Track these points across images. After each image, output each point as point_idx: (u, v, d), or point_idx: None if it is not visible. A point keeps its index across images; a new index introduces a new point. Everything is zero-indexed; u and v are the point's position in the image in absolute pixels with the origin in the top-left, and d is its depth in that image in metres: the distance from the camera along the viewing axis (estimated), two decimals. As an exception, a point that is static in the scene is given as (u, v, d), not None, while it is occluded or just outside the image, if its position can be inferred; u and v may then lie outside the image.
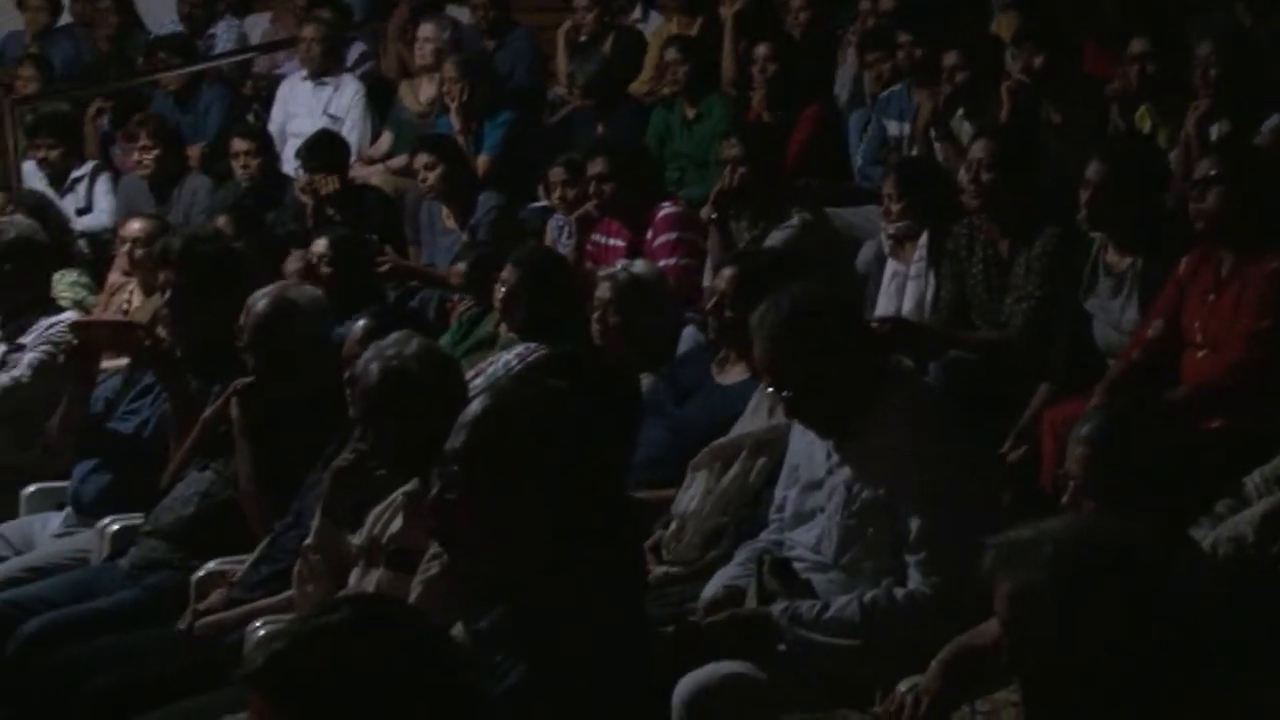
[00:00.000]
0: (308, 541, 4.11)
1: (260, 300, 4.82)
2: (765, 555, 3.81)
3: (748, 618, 3.68)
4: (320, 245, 6.30)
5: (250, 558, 4.49)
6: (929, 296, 5.44)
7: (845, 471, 3.72)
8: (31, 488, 5.61)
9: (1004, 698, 3.10)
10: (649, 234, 6.30)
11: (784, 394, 3.79)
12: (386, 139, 8.47)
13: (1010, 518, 3.55)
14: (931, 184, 5.65)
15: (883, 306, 5.57)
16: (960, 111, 6.34)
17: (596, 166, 6.42)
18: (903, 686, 3.37)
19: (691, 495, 4.36)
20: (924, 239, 5.49)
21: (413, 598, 3.46)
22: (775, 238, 5.75)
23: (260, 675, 1.97)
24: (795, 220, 5.84)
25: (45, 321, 5.86)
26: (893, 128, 6.84)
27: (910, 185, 5.61)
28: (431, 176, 7.08)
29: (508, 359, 5.19)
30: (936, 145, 6.28)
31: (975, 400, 4.69)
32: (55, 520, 5.36)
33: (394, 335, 4.02)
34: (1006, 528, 2.54)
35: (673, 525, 4.37)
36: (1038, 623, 2.38)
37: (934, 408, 3.95)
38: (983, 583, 2.48)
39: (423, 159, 7.13)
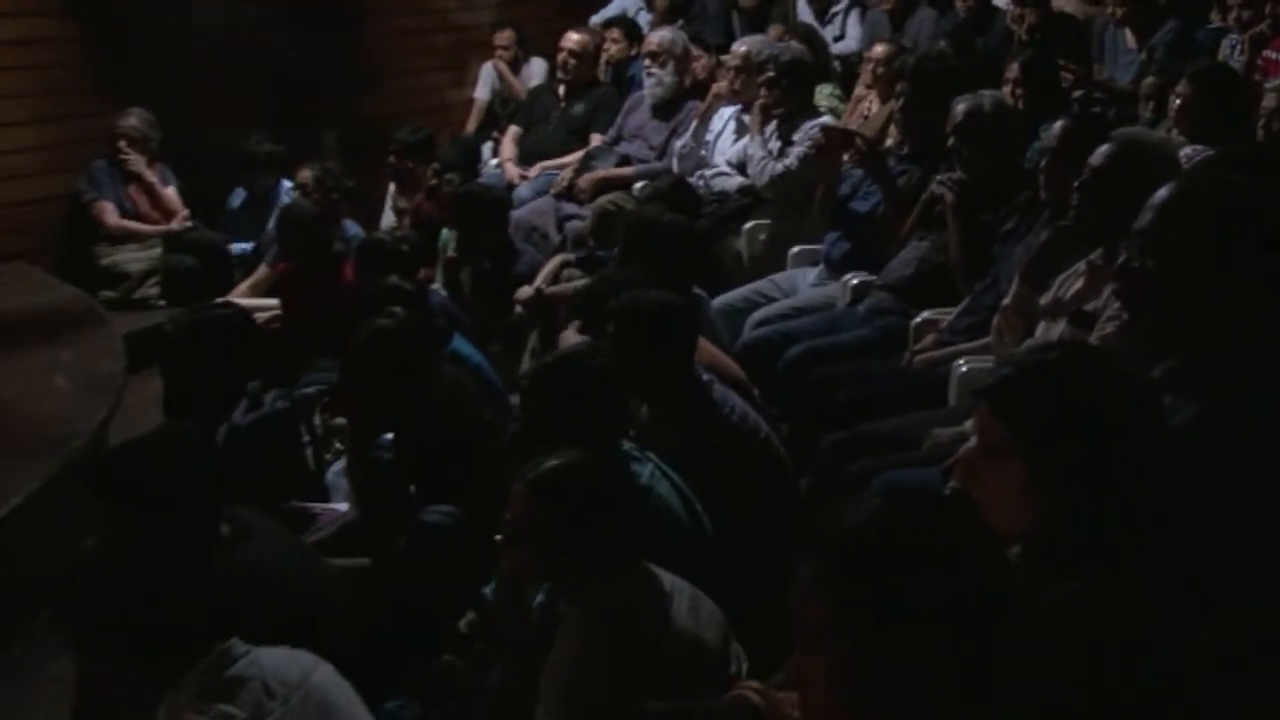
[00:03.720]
0: (1005, 301, 4.06)
1: (963, 102, 4.77)
2: None
3: None
4: (1013, 70, 6.10)
5: (956, 310, 4.51)
6: None
7: None
8: (796, 248, 5.81)
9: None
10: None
11: None
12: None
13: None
14: None
15: None
16: None
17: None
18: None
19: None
20: None
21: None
22: None
23: (993, 391, 2.06)
24: None
25: (808, 123, 6.05)
26: None
27: None
28: (1120, 12, 6.72)
29: None
30: None
31: None
32: (812, 273, 5.54)
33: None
34: None
35: None
36: None
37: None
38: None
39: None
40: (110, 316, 6.03)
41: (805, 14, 8.36)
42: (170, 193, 7.13)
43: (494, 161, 7.82)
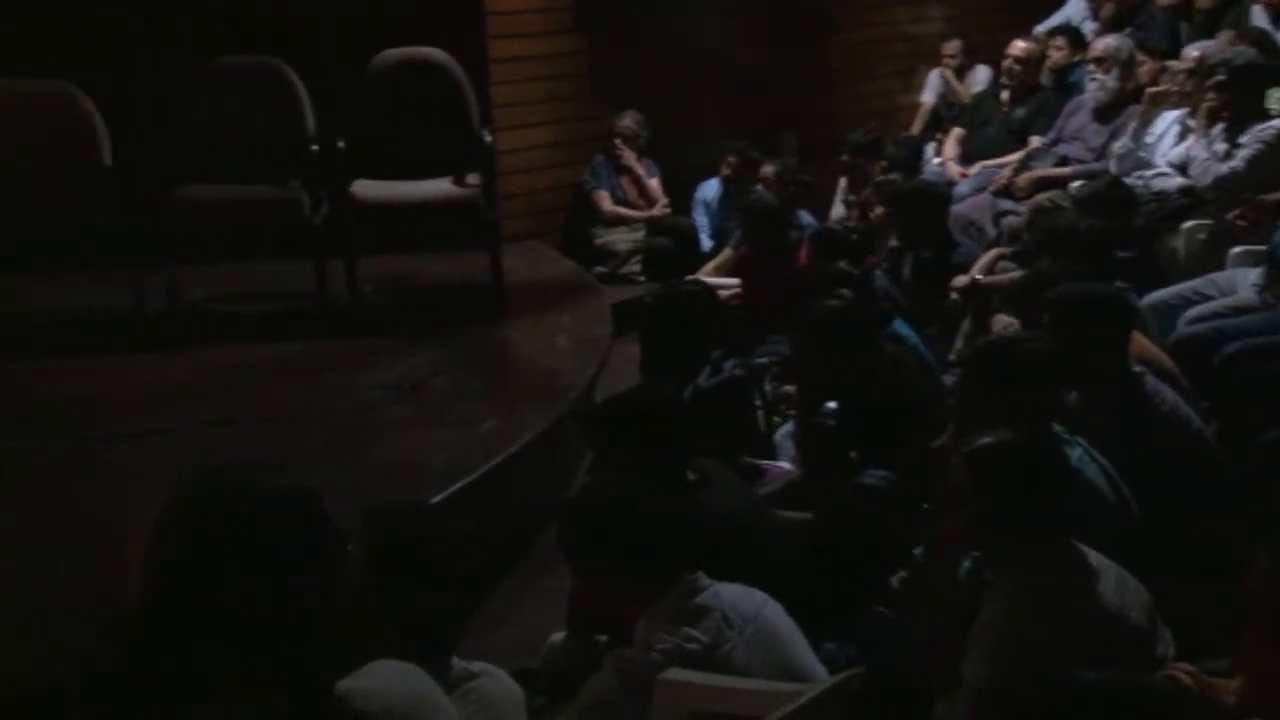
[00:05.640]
0: None
1: None
2: None
3: None
4: None
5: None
6: None
7: None
8: (1237, 248, 5.31)
9: None
10: None
11: None
12: None
13: None
14: None
15: None
16: None
17: None
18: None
19: None
20: None
21: None
22: None
23: None
24: None
25: (1258, 126, 5.55)
26: None
27: None
28: None
29: None
30: None
31: None
32: (1254, 274, 5.07)
33: None
34: None
35: None
36: None
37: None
38: None
39: None
40: (601, 289, 6.31)
41: (1259, 19, 7.65)
42: (654, 183, 7.40)
43: (936, 160, 7.67)
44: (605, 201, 7.27)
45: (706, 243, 7.28)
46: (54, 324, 5.24)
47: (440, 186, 5.69)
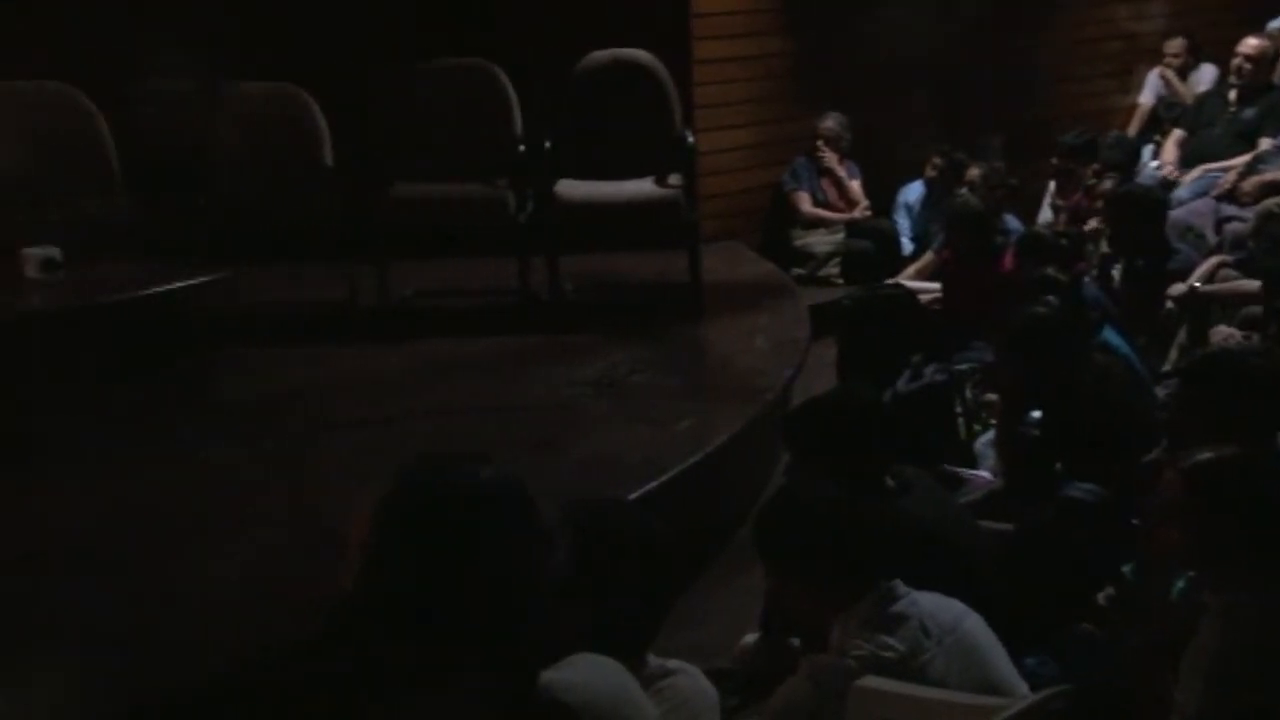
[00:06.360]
0: None
1: None
2: None
3: None
4: None
5: None
6: None
7: None
8: None
9: None
10: None
11: None
12: None
13: None
14: None
15: None
16: None
17: None
18: None
19: None
20: None
21: None
22: None
23: None
24: None
25: None
26: None
27: None
28: None
29: None
30: None
31: None
32: None
33: None
34: None
35: None
36: None
37: None
38: None
39: None
40: (799, 290, 6.28)
41: None
42: (855, 185, 7.31)
43: (1154, 164, 7.37)
44: (805, 203, 7.22)
45: (908, 246, 7.18)
46: (278, 315, 5.50)
47: (642, 187, 5.76)
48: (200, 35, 6.00)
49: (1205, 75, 8.05)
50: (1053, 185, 7.25)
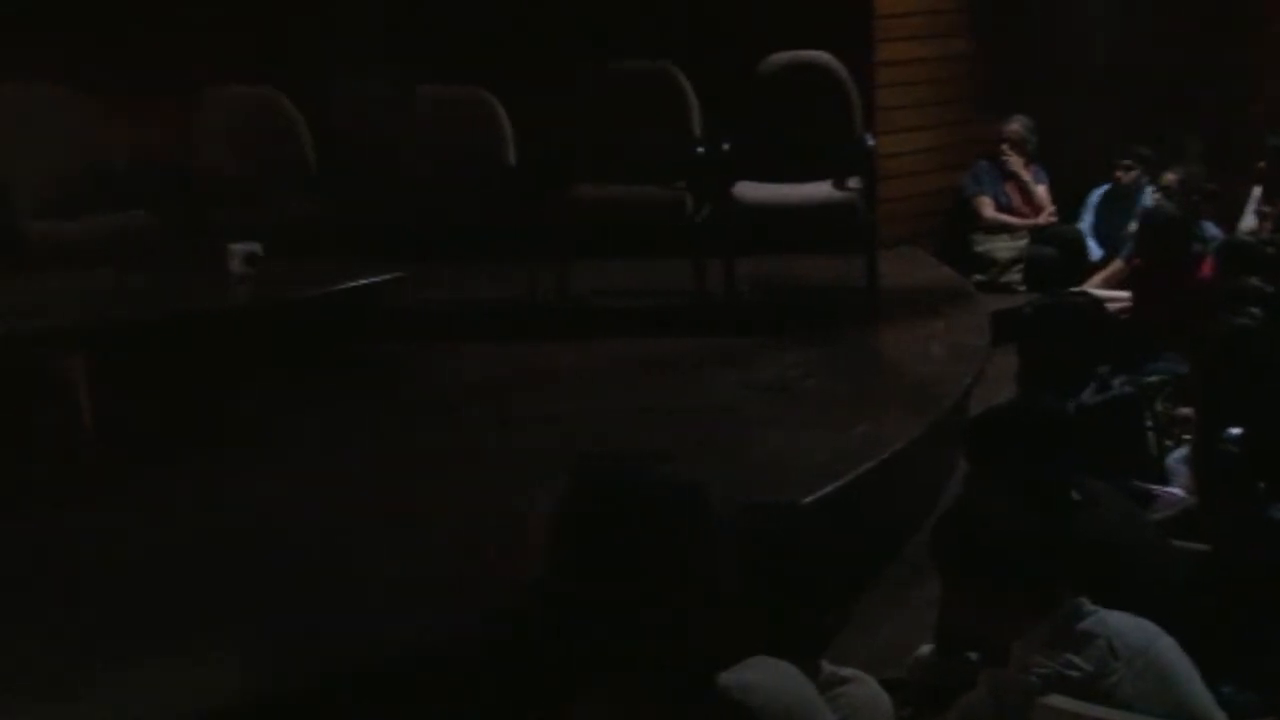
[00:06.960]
0: None
1: None
2: None
3: None
4: None
5: None
6: None
7: None
8: None
9: None
10: None
11: None
12: None
13: None
14: None
15: None
16: None
17: None
18: None
19: None
20: None
21: None
22: None
23: None
24: None
25: None
26: None
27: None
28: None
29: None
30: None
31: None
32: None
33: None
34: None
35: None
36: None
37: None
38: None
39: None
40: (979, 297, 6.14)
41: None
42: (1041, 190, 7.11)
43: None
44: (987, 208, 7.05)
45: (1096, 252, 6.94)
46: (460, 311, 5.64)
47: (820, 189, 5.70)
48: (392, 41, 6.20)
49: None
50: (1258, 190, 6.90)
